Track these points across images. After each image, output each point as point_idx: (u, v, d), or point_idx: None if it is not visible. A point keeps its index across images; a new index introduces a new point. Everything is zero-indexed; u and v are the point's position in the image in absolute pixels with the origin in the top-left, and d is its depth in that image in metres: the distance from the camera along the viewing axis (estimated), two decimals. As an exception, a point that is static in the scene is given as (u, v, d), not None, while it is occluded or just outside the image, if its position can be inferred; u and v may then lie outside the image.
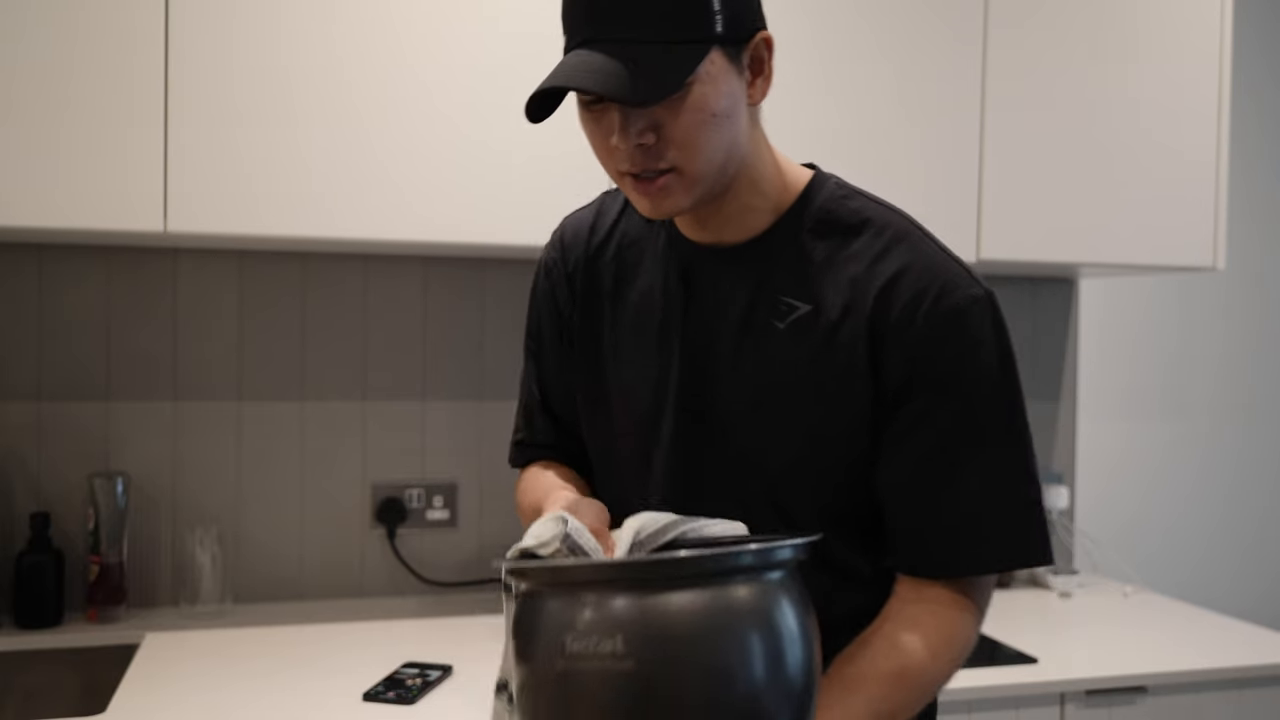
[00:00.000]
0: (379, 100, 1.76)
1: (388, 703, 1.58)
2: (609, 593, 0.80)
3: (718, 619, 0.79)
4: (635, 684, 0.77)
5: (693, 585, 0.80)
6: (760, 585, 0.82)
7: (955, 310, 1.03)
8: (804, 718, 0.84)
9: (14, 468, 1.96)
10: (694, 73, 0.95)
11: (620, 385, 1.15)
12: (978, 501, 1.04)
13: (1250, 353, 2.84)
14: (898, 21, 2.01)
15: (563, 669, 0.80)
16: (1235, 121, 2.74)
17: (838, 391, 1.04)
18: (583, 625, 0.80)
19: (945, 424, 1.03)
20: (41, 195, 1.63)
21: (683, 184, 1.00)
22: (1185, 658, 1.89)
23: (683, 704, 0.77)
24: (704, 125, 0.97)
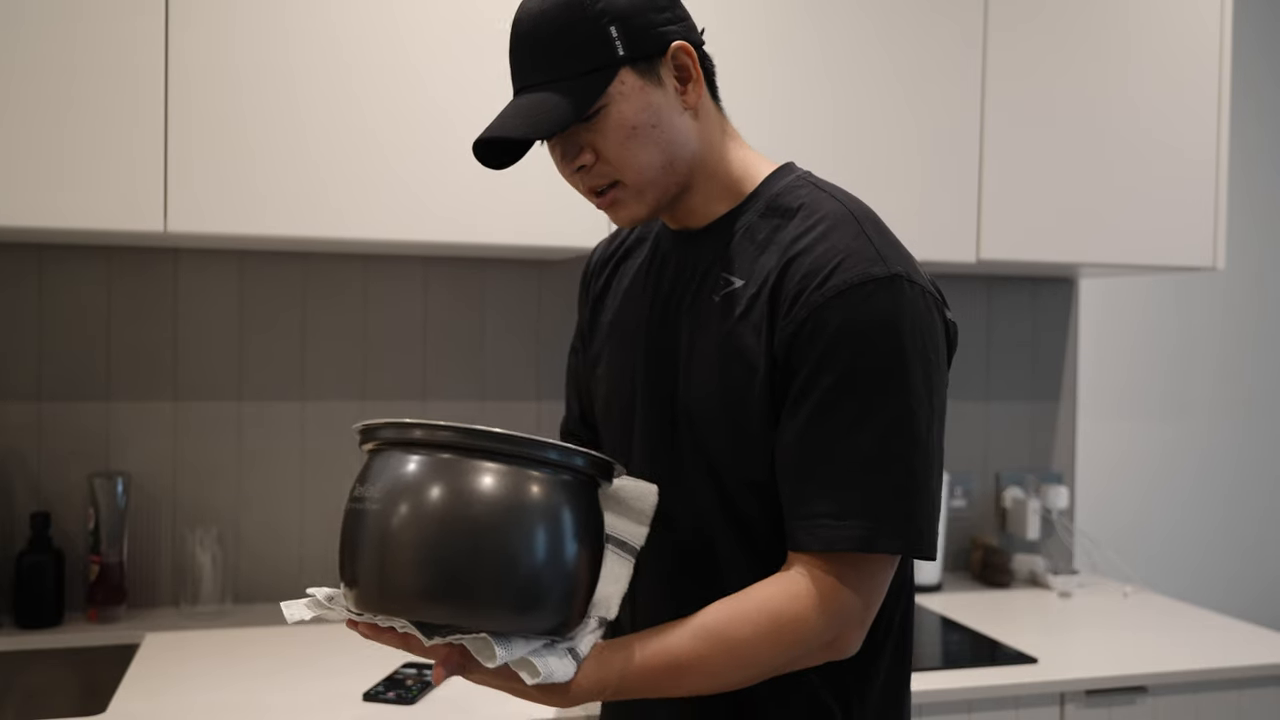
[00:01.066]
0: (379, 100, 1.76)
1: (388, 703, 1.58)
2: (384, 452, 0.99)
3: (438, 476, 0.96)
4: (374, 521, 0.96)
5: (430, 451, 0.97)
6: (549, 476, 0.99)
7: (843, 285, 1.04)
8: (559, 579, 0.98)
9: (14, 468, 1.96)
10: (601, 97, 1.06)
11: (610, 363, 1.26)
12: (844, 480, 1.03)
13: (1250, 353, 2.84)
14: (898, 22, 2.01)
15: (346, 509, 1.00)
16: (1235, 121, 2.74)
17: (742, 360, 1.09)
18: (362, 475, 1.00)
19: (821, 399, 1.04)
20: (41, 195, 1.63)
21: (630, 194, 1.11)
22: (1185, 658, 1.89)
23: (404, 539, 0.95)
24: (630, 139, 1.08)
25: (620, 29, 1.06)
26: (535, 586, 0.96)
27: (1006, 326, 2.54)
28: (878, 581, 1.06)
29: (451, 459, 0.96)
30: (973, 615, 2.12)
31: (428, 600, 0.95)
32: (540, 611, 0.97)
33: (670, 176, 1.11)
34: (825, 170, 1.24)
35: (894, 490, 1.03)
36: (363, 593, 0.97)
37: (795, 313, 1.05)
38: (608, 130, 1.08)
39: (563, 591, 0.99)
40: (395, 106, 1.77)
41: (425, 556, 0.94)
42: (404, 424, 0.99)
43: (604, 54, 1.06)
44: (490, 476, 0.96)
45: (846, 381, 1.03)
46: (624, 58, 1.06)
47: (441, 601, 0.94)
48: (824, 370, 1.04)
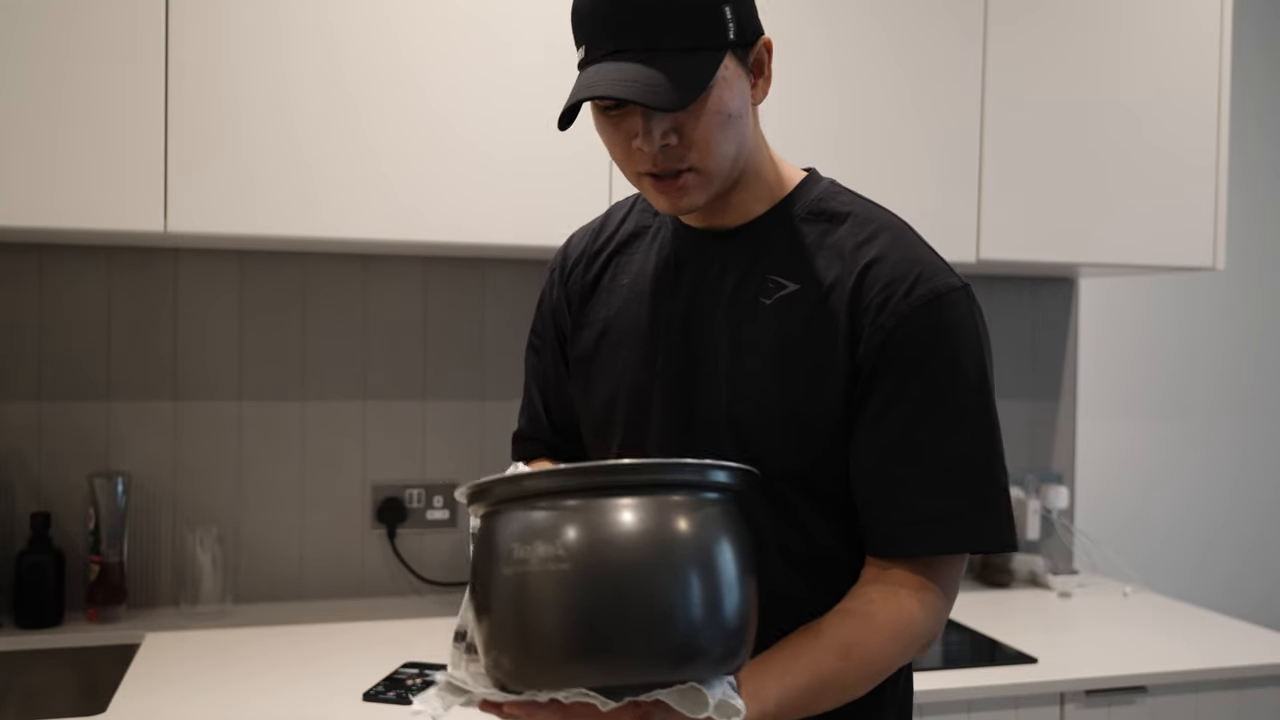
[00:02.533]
0: (379, 100, 1.76)
1: (388, 703, 1.58)
2: (552, 502, 0.88)
3: (646, 523, 0.86)
4: (571, 581, 0.84)
5: (628, 493, 0.87)
6: (693, 500, 0.90)
7: (931, 295, 1.07)
8: (728, 616, 0.89)
9: (14, 468, 1.96)
10: (714, 77, 1.02)
11: (615, 362, 1.20)
12: (941, 483, 1.07)
13: (1250, 352, 2.84)
14: (898, 22, 2.01)
15: (510, 574, 0.87)
16: (1235, 121, 2.74)
17: (814, 365, 1.08)
18: (528, 532, 0.87)
19: (913, 405, 1.06)
20: (41, 195, 1.63)
21: (700, 182, 1.06)
22: (1185, 658, 1.89)
23: (616, 599, 0.84)
24: (721, 126, 1.04)
25: (733, 10, 1.03)
26: (692, 626, 0.87)
27: (1006, 326, 2.54)
28: (961, 573, 1.12)
29: (581, 504, 0.87)
30: (973, 615, 2.12)
31: (588, 664, 0.85)
32: (704, 656, 0.88)
33: (735, 169, 1.09)
34: (826, 170, 1.24)
35: (991, 490, 1.08)
36: (523, 669, 0.87)
37: (883, 320, 1.06)
38: (704, 114, 1.03)
39: (735, 626, 0.90)
40: (395, 107, 1.77)
41: (579, 618, 0.84)
42: (517, 477, 0.90)
43: (719, 33, 1.02)
44: (628, 513, 0.87)
45: (940, 388, 1.07)
46: (732, 41, 1.03)
47: (598, 662, 0.85)
48: (915, 377, 1.06)
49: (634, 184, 1.10)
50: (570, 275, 1.27)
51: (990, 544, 1.08)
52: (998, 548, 1.09)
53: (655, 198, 1.08)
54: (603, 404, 1.22)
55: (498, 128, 1.81)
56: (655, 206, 1.10)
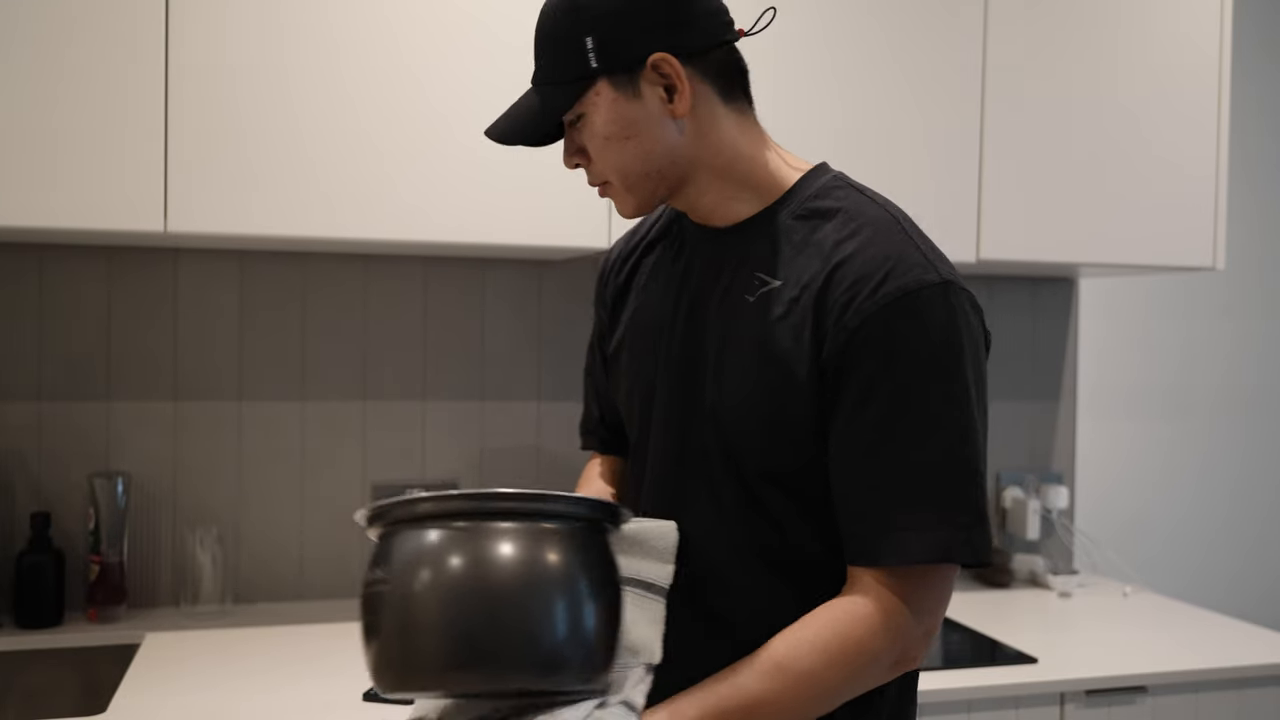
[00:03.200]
0: (379, 100, 1.76)
1: (387, 703, 1.58)
2: (394, 528, 0.98)
3: (518, 548, 0.95)
4: (391, 601, 0.94)
5: (441, 524, 0.96)
6: (522, 528, 0.96)
7: (899, 293, 1.03)
8: (586, 631, 0.96)
9: (14, 468, 1.96)
10: (576, 105, 1.10)
11: (632, 359, 1.24)
12: (907, 493, 1.02)
13: (1250, 353, 2.84)
14: (898, 22, 2.01)
15: (361, 594, 0.99)
16: (1235, 121, 2.74)
17: (783, 360, 1.07)
18: (372, 557, 0.99)
19: (880, 409, 1.03)
20: (41, 195, 1.63)
21: (618, 192, 1.14)
22: (1185, 658, 1.89)
23: (425, 617, 0.93)
24: (606, 146, 1.11)
25: (596, 41, 1.07)
26: (557, 642, 0.94)
27: (1006, 326, 2.54)
28: (942, 593, 1.05)
29: (455, 530, 0.95)
30: (973, 615, 2.12)
31: (455, 670, 0.93)
32: (568, 666, 0.95)
33: (655, 181, 1.13)
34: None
35: (965, 499, 1.03)
36: (392, 672, 0.95)
37: (847, 320, 1.04)
38: (590, 136, 1.11)
39: (584, 641, 0.96)
40: (395, 107, 1.77)
41: (446, 627, 0.92)
42: (405, 501, 0.98)
43: (579, 65, 1.08)
44: (497, 540, 0.95)
45: (910, 391, 1.02)
46: (597, 69, 1.08)
47: (468, 670, 0.93)
48: (884, 379, 1.03)
49: None
50: (608, 278, 1.32)
51: (967, 556, 1.02)
52: (974, 560, 1.02)
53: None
54: (625, 399, 1.27)
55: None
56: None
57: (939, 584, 1.05)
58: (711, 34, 1.11)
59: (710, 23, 1.11)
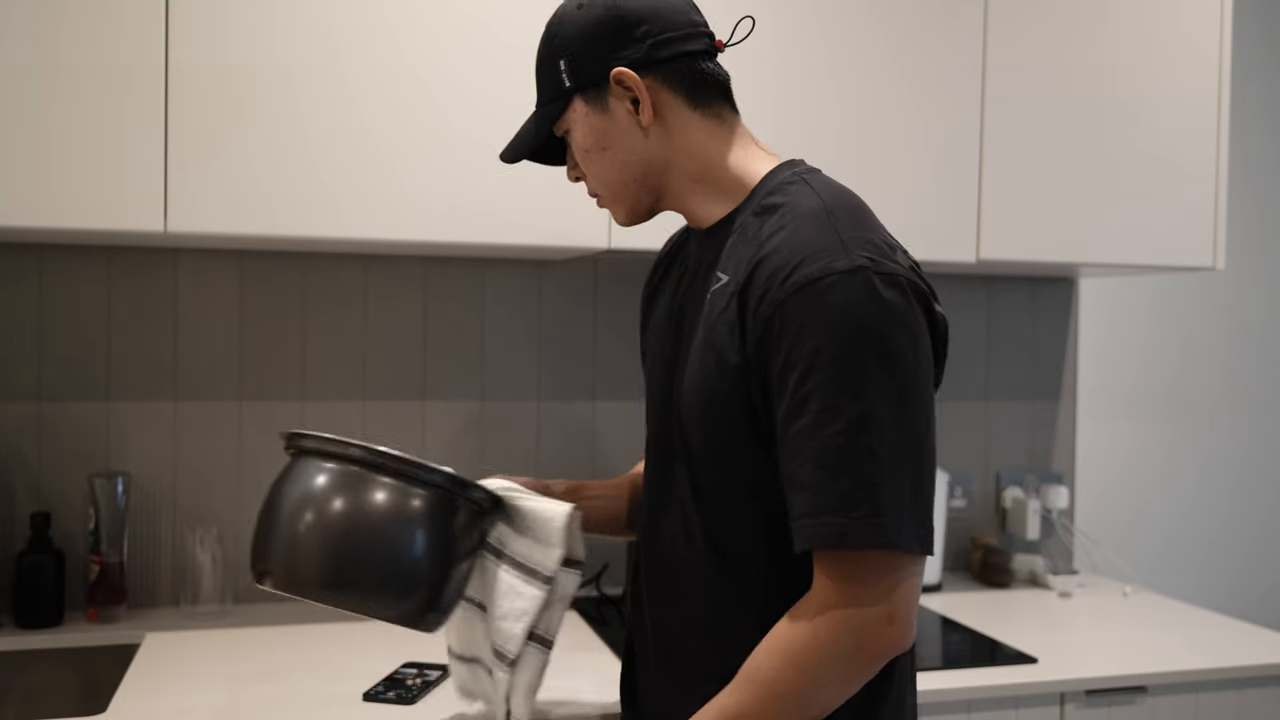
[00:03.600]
0: (380, 100, 1.76)
1: (388, 703, 1.58)
2: (300, 455, 1.27)
3: (380, 496, 1.22)
4: (322, 523, 1.20)
5: (332, 461, 1.23)
6: (390, 484, 1.24)
7: (804, 280, 1.04)
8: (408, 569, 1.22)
9: (14, 467, 1.96)
10: (557, 123, 1.22)
11: (645, 360, 1.36)
12: (807, 477, 1.04)
13: (1250, 353, 2.84)
14: (898, 23, 2.01)
15: (266, 496, 1.28)
16: (1235, 121, 2.74)
17: (719, 351, 1.12)
18: (282, 471, 1.27)
19: (791, 397, 1.05)
20: (41, 195, 1.63)
21: (607, 202, 1.25)
22: (1185, 658, 1.89)
23: (308, 534, 1.20)
24: (588, 158, 1.22)
25: (567, 62, 1.19)
26: (385, 575, 1.21)
27: (1006, 326, 2.54)
28: (889, 578, 1.04)
29: (333, 471, 1.23)
30: (973, 615, 2.12)
31: (321, 586, 1.19)
32: (384, 596, 1.21)
33: (636, 188, 1.22)
34: (826, 170, 1.24)
35: (863, 485, 1.02)
36: (276, 578, 1.20)
37: (762, 310, 1.07)
38: (575, 150, 1.23)
39: (408, 579, 1.21)
40: (395, 106, 1.77)
41: (319, 548, 1.19)
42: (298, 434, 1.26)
43: (557, 85, 1.20)
44: (371, 489, 1.22)
45: (811, 377, 1.03)
46: (571, 89, 1.19)
47: (332, 588, 1.20)
48: (791, 367, 1.04)
49: None
50: (647, 287, 1.41)
51: (865, 540, 1.02)
52: (876, 545, 1.02)
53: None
54: (646, 399, 1.34)
55: (498, 128, 1.81)
56: None
57: (879, 568, 1.04)
58: (672, 47, 1.17)
59: (671, 37, 1.17)
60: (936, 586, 2.33)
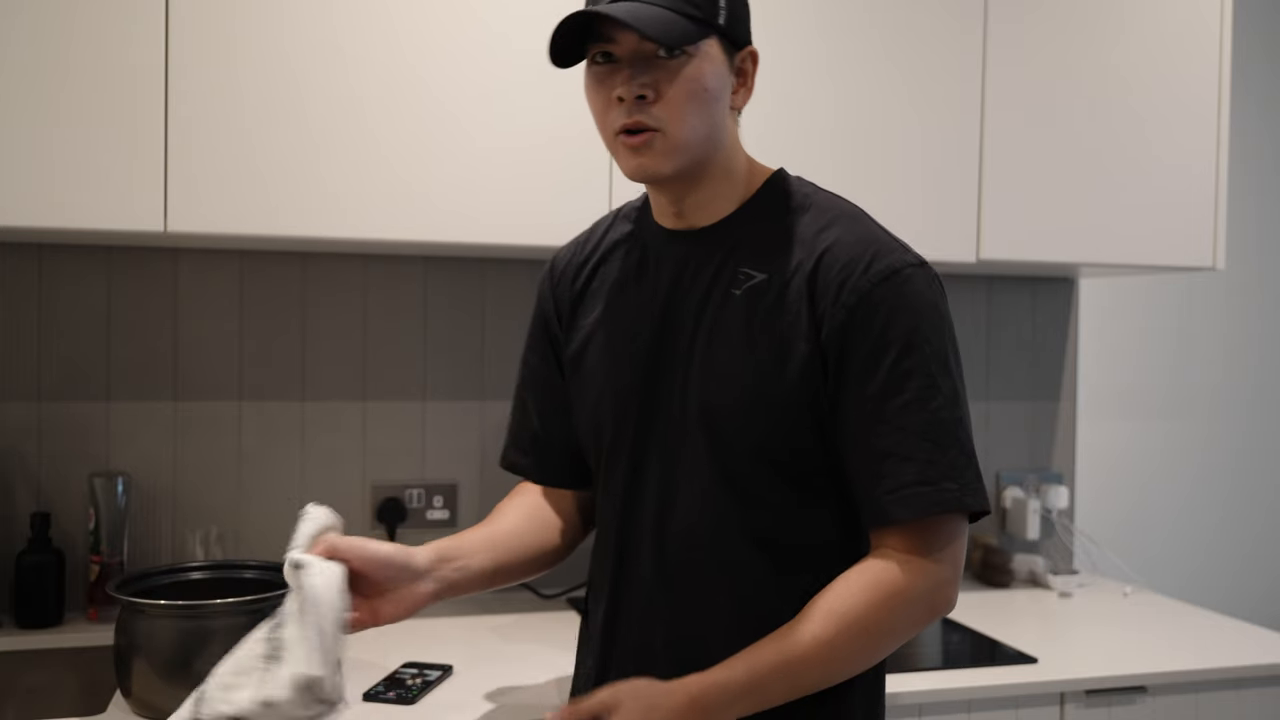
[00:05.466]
0: (380, 99, 1.76)
1: (388, 703, 1.58)
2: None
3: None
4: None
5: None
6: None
7: (888, 271, 1.13)
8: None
9: (14, 468, 1.96)
10: (697, 44, 1.11)
11: (600, 364, 1.27)
12: (917, 451, 1.11)
13: (1250, 353, 2.84)
14: (899, 22, 2.01)
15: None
16: (1235, 121, 2.74)
17: (779, 346, 1.14)
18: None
19: (885, 377, 1.11)
20: (41, 195, 1.63)
21: (665, 146, 1.13)
22: (1185, 658, 1.89)
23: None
24: (693, 96, 1.12)
25: (727, 5, 1.14)
26: None
27: (1006, 326, 2.54)
28: (958, 539, 1.14)
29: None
30: (973, 615, 2.12)
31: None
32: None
33: (702, 151, 1.15)
34: (826, 170, 1.26)
35: (965, 454, 1.13)
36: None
37: (844, 299, 1.12)
38: (680, 79, 1.11)
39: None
40: (396, 106, 1.77)
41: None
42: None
43: (710, 11, 1.12)
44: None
45: (909, 359, 1.11)
46: (721, 28, 1.13)
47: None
48: (885, 350, 1.11)
49: (611, 149, 1.17)
50: (559, 284, 1.35)
51: (977, 503, 1.13)
52: (982, 507, 1.13)
53: (624, 158, 1.15)
54: (592, 405, 1.28)
55: (499, 128, 1.81)
56: (624, 170, 1.15)
57: (952, 531, 1.14)
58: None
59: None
60: (936, 586, 2.33)
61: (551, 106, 1.82)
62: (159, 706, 1.48)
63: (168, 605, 1.49)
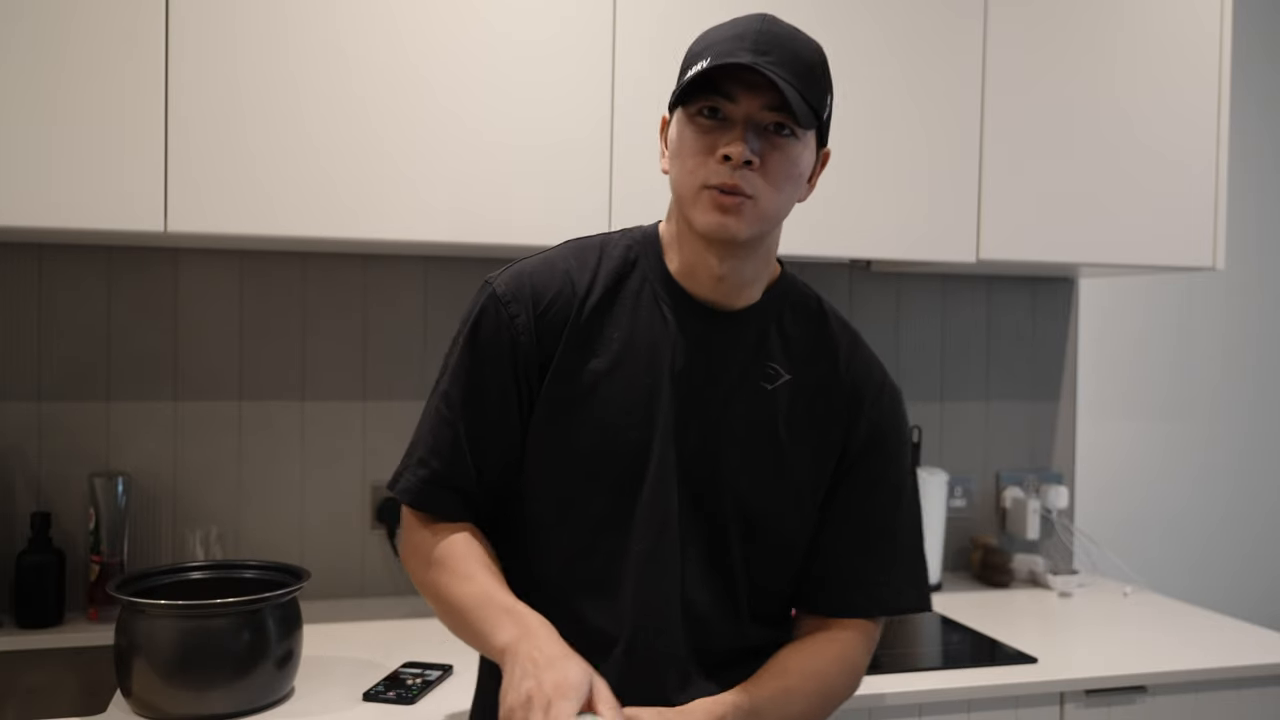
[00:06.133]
0: (380, 99, 1.76)
1: (388, 703, 1.58)
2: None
3: None
4: None
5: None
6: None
7: (897, 394, 1.31)
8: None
9: (14, 467, 1.96)
10: (809, 130, 1.16)
11: (607, 417, 1.21)
12: (906, 555, 1.30)
13: (1250, 352, 2.84)
14: (898, 22, 2.01)
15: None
16: (1235, 121, 2.74)
17: (817, 446, 1.26)
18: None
19: (887, 487, 1.29)
20: (41, 195, 1.63)
21: (754, 214, 1.15)
22: (1185, 658, 1.89)
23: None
24: (789, 175, 1.16)
25: (829, 107, 1.21)
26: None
27: (1006, 326, 2.54)
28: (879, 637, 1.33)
29: None
30: (972, 615, 2.12)
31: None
32: None
33: (771, 227, 1.20)
34: (826, 170, 1.25)
35: (923, 563, 1.32)
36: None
37: (868, 412, 1.27)
38: (784, 157, 1.15)
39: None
40: (396, 106, 1.77)
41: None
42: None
43: (820, 109, 1.17)
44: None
45: (902, 473, 1.30)
46: (818, 126, 1.18)
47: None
48: (890, 463, 1.28)
49: (689, 197, 1.16)
50: (547, 317, 1.22)
51: (920, 606, 1.31)
52: (923, 609, 1.31)
53: (707, 212, 1.15)
54: (589, 455, 1.21)
55: (499, 129, 1.81)
56: (699, 221, 1.15)
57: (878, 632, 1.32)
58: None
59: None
60: (936, 586, 2.33)
61: (553, 108, 1.82)
62: (159, 706, 1.48)
63: (168, 605, 1.49)
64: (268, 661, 1.52)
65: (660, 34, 1.86)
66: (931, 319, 2.48)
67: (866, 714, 1.68)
